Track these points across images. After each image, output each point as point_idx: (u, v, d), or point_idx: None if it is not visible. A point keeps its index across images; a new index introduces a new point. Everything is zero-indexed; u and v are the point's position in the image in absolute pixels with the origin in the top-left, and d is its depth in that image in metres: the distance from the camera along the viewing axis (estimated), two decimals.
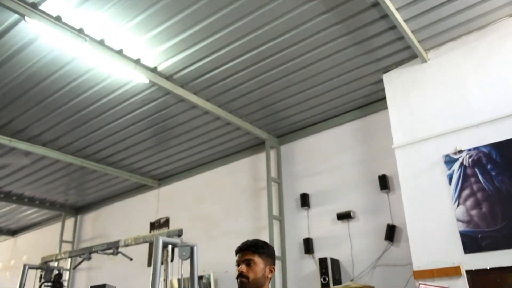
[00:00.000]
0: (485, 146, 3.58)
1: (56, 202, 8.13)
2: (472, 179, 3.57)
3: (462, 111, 3.83)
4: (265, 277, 1.90)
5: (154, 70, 4.41)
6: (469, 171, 3.60)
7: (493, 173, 3.48)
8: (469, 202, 3.53)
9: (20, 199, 7.76)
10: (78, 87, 4.63)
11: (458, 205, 3.58)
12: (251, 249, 1.92)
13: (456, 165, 3.67)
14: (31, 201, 7.90)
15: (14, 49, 4.04)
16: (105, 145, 5.96)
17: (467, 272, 3.42)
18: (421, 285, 3.54)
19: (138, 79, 4.44)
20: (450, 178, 3.68)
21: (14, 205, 8.00)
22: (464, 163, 3.63)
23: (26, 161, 6.29)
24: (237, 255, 1.95)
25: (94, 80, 4.54)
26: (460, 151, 3.70)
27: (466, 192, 3.57)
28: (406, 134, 4.13)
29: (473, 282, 3.38)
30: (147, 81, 4.47)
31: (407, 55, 4.28)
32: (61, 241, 8.16)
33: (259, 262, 1.89)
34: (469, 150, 3.66)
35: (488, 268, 3.34)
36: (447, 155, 3.76)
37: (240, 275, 1.87)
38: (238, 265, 1.92)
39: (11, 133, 5.50)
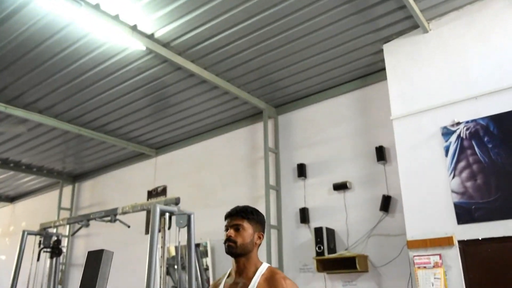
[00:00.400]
0: (483, 119, 3.57)
1: (53, 169, 8.16)
2: (469, 151, 3.58)
3: (462, 82, 3.81)
4: (253, 243, 1.91)
5: (151, 36, 4.34)
6: (465, 143, 3.61)
7: (490, 146, 3.49)
8: (465, 174, 3.56)
9: (18, 166, 7.78)
10: (74, 53, 4.55)
11: (453, 177, 3.61)
12: (241, 215, 1.92)
13: (453, 137, 3.68)
14: (28, 169, 7.92)
15: (6, 12, 3.94)
16: (102, 113, 5.93)
17: (460, 242, 3.48)
18: (415, 258, 3.60)
19: (135, 46, 4.36)
20: (446, 150, 3.69)
21: (11, 172, 8.02)
22: (461, 135, 3.64)
23: (22, 129, 6.27)
24: (226, 220, 1.96)
25: (90, 46, 4.46)
26: (458, 123, 3.69)
27: (462, 164, 3.59)
28: (404, 105, 4.11)
29: (465, 252, 3.44)
30: (144, 48, 4.40)
31: (408, 25, 4.21)
32: (59, 208, 8.23)
33: (247, 228, 1.90)
34: (467, 122, 3.65)
35: (480, 239, 3.40)
36: (445, 127, 3.76)
37: (228, 240, 1.88)
38: (226, 229, 1.92)
39: (6, 100, 5.45)
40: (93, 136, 6.47)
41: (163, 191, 6.91)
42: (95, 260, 1.19)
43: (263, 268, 1.88)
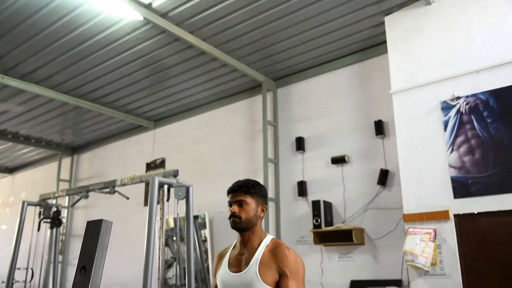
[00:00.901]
0: (483, 93, 3.55)
1: (52, 141, 8.15)
2: (468, 126, 3.57)
3: (464, 56, 3.77)
4: (257, 216, 1.94)
5: (148, 6, 4.25)
6: (465, 118, 3.60)
7: (489, 120, 3.48)
8: (463, 149, 3.56)
9: (16, 137, 7.77)
10: (70, 22, 4.47)
11: (451, 152, 3.62)
12: (243, 190, 1.94)
13: (452, 112, 3.67)
14: (26, 140, 7.91)
15: None
16: (100, 85, 5.88)
17: (455, 216, 3.52)
18: (409, 229, 3.65)
19: (132, 15, 4.28)
20: (445, 124, 3.69)
21: (10, 143, 8.02)
22: (461, 109, 3.63)
23: (20, 108, 6.25)
24: (229, 195, 1.98)
25: (86, 16, 4.38)
26: (458, 98, 3.67)
27: (460, 139, 3.59)
28: (404, 79, 4.08)
29: (460, 225, 3.48)
30: (141, 18, 4.32)
31: None
32: (58, 179, 8.27)
33: (251, 203, 1.93)
34: (467, 96, 3.63)
35: (476, 213, 3.43)
36: (444, 102, 3.75)
37: (233, 216, 1.91)
38: (230, 205, 1.95)
39: (3, 70, 5.38)
40: (91, 108, 6.44)
41: (162, 163, 6.93)
42: (94, 230, 1.20)
43: (268, 239, 1.93)
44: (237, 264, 1.90)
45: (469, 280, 3.37)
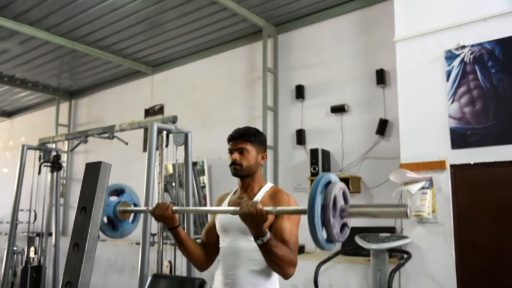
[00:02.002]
0: (489, 42, 3.47)
1: (49, 85, 8.06)
2: (471, 76, 3.52)
3: (471, 3, 3.63)
4: (257, 163, 1.97)
5: None
6: (468, 67, 3.54)
7: (493, 71, 3.43)
8: (464, 99, 3.53)
9: (12, 80, 7.67)
10: None
11: (452, 102, 3.59)
12: (244, 138, 1.95)
13: (456, 61, 3.60)
14: (23, 83, 7.82)
15: None
16: (96, 27, 5.72)
17: (452, 166, 3.56)
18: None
19: None
20: (448, 74, 3.63)
21: (6, 87, 7.94)
22: (465, 59, 3.56)
23: (16, 50, 6.10)
24: (229, 143, 1.99)
25: None
26: (463, 47, 3.59)
27: (462, 89, 3.55)
28: (409, 26, 3.97)
29: (456, 175, 3.53)
30: None
31: None
32: (57, 124, 8.27)
33: (251, 150, 1.94)
34: (472, 46, 3.55)
35: (472, 163, 3.46)
36: (449, 51, 3.67)
37: (234, 163, 1.93)
38: (230, 153, 1.96)
39: None
40: (88, 52, 6.31)
41: (160, 109, 6.90)
42: (94, 171, 1.20)
43: (267, 186, 1.97)
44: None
45: (461, 227, 3.46)
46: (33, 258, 6.26)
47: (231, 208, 1.70)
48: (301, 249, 4.61)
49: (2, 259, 5.80)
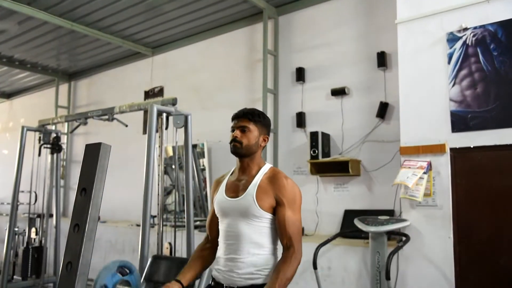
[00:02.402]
0: (492, 24, 3.42)
1: (48, 66, 8.01)
2: (472, 59, 3.49)
3: None
4: (258, 144, 1.96)
5: None
6: (470, 50, 3.50)
7: (495, 53, 3.39)
8: (465, 82, 3.51)
9: (11, 61, 7.62)
10: None
11: (453, 85, 3.57)
12: (248, 117, 1.95)
13: (458, 44, 3.56)
14: (22, 64, 7.77)
15: None
16: (95, 8, 5.65)
17: (451, 149, 3.55)
18: (405, 162, 3.70)
19: None
20: (450, 57, 3.60)
21: (5, 68, 7.88)
22: (467, 42, 3.52)
23: (14, 30, 6.02)
24: (233, 121, 1.99)
25: None
26: (465, 29, 3.55)
27: (463, 72, 3.53)
28: (411, 8, 3.91)
29: (455, 158, 3.53)
30: None
31: None
32: (57, 106, 8.25)
33: (253, 130, 1.94)
34: (475, 28, 3.51)
35: (472, 147, 3.46)
36: (451, 33, 3.62)
37: (234, 140, 1.93)
38: (233, 130, 1.96)
39: None
40: (87, 33, 6.24)
41: (160, 92, 6.87)
42: (93, 153, 1.20)
43: (266, 168, 1.96)
44: (235, 190, 1.94)
45: (459, 211, 3.48)
46: (34, 239, 6.32)
47: None
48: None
49: (4, 240, 5.86)
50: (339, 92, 4.84)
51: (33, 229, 6.33)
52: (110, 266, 1.91)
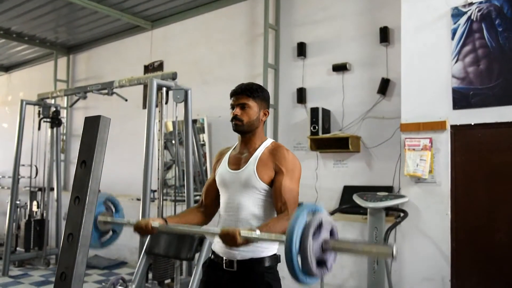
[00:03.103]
0: None
1: (46, 39, 7.90)
2: (476, 35, 3.44)
3: None
4: (259, 120, 1.96)
5: None
6: (475, 26, 3.45)
7: (500, 29, 3.35)
8: (468, 59, 3.47)
9: (8, 34, 7.51)
10: None
11: (456, 61, 3.53)
12: (246, 93, 1.94)
13: (462, 19, 3.51)
14: (20, 37, 7.66)
15: None
16: None
17: (452, 126, 3.55)
18: (406, 141, 3.70)
19: None
20: (454, 32, 3.55)
21: (2, 40, 7.78)
22: (472, 17, 3.47)
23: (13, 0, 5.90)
24: (232, 98, 1.98)
25: None
26: (471, 4, 3.49)
27: (467, 48, 3.48)
28: None
29: (456, 136, 3.53)
30: None
31: None
32: (56, 79, 8.18)
33: (253, 106, 1.94)
34: (480, 3, 3.45)
35: (473, 124, 3.46)
36: (456, 8, 3.57)
37: (235, 118, 1.93)
38: (232, 108, 1.96)
39: None
40: (85, 5, 6.13)
41: (160, 66, 6.81)
42: (93, 125, 1.19)
43: (268, 142, 1.98)
44: (237, 163, 1.95)
45: (458, 188, 3.50)
46: (35, 212, 6.39)
47: (212, 228, 1.64)
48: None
49: (6, 213, 5.92)
50: (340, 68, 4.79)
51: (35, 203, 6.40)
52: (100, 197, 1.87)
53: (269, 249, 1.86)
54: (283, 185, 1.79)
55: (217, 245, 1.92)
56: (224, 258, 1.87)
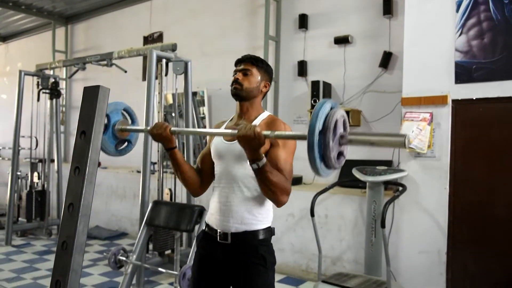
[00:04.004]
0: None
1: (43, 8, 7.76)
2: (482, 7, 3.38)
3: None
4: (259, 89, 1.94)
5: None
6: None
7: (506, 1, 3.27)
8: (472, 32, 3.42)
9: (4, 2, 7.37)
10: None
11: (460, 35, 3.47)
12: (251, 61, 1.94)
13: None
14: (16, 6, 7.52)
15: None
16: None
17: (453, 101, 3.52)
18: (406, 114, 3.68)
19: None
20: (458, 5, 3.48)
21: None
22: None
23: None
24: (236, 65, 1.97)
25: None
26: None
27: (471, 21, 3.42)
28: None
29: (457, 110, 3.51)
30: None
31: None
32: (54, 50, 8.08)
33: (256, 74, 1.93)
34: None
35: (474, 98, 3.43)
36: None
37: (235, 82, 1.91)
38: (235, 74, 1.94)
39: None
40: None
41: (159, 37, 6.71)
42: (92, 95, 1.18)
43: (265, 114, 1.96)
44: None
45: (457, 162, 3.51)
46: (37, 183, 6.43)
47: (229, 130, 1.68)
48: (299, 180, 4.71)
49: (7, 184, 5.96)
50: (342, 41, 4.73)
51: (35, 174, 6.43)
52: (118, 105, 2.02)
53: (263, 222, 1.87)
54: (279, 157, 1.78)
55: (212, 218, 1.92)
56: (218, 230, 1.87)
